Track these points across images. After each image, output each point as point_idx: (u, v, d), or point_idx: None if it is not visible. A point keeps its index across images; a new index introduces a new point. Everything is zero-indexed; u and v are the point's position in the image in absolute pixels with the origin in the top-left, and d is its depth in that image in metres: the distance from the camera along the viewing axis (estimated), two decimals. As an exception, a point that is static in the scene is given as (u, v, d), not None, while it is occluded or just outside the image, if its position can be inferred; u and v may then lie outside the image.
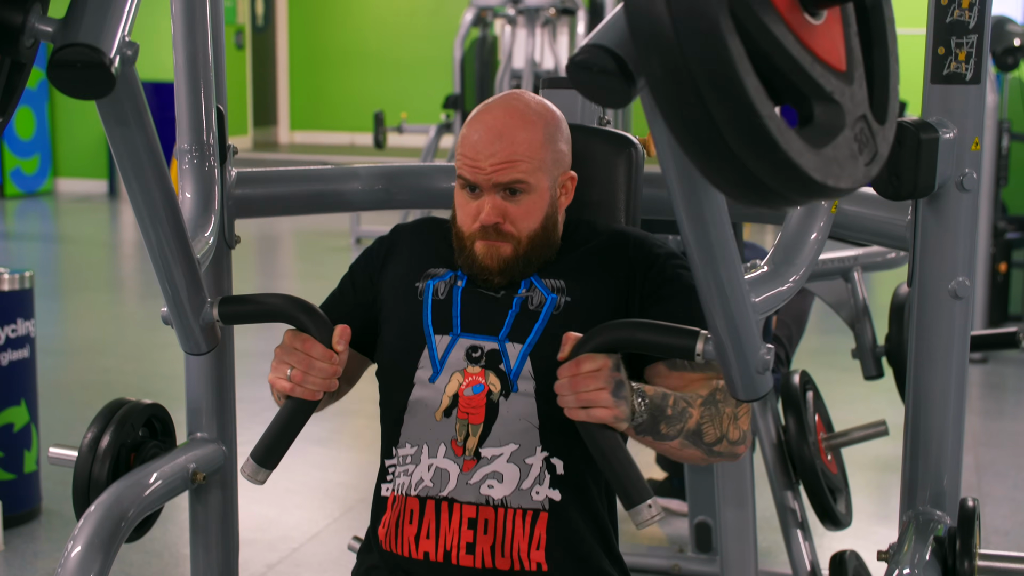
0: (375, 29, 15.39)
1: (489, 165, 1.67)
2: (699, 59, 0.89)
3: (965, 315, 1.72)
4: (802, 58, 0.99)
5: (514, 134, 1.68)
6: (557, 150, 1.73)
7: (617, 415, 1.48)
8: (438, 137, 8.73)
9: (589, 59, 0.97)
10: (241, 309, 1.67)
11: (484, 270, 1.72)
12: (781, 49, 0.96)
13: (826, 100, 1.02)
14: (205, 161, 1.89)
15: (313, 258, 9.00)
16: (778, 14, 0.97)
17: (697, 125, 0.91)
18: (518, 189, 1.69)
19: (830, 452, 2.61)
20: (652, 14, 0.89)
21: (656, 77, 0.91)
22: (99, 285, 7.93)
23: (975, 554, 1.60)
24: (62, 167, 11.88)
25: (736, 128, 0.91)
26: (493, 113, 1.71)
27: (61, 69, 1.16)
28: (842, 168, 1.01)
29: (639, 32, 0.90)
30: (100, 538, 1.71)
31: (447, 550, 1.64)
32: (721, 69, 0.89)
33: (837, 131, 1.02)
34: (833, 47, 1.06)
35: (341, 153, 14.16)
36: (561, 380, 1.50)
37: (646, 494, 1.47)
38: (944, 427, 1.73)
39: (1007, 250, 6.22)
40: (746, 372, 1.43)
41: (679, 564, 3.29)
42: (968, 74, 1.67)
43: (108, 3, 1.20)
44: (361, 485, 4.01)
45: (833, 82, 1.03)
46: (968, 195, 1.68)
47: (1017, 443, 4.61)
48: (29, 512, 3.60)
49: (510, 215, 1.69)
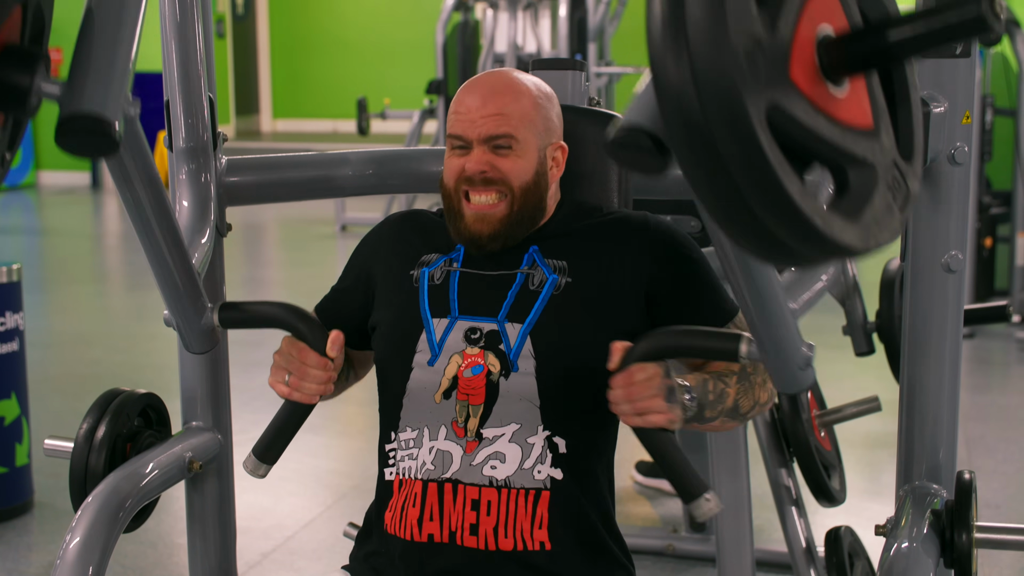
0: (356, 15, 15.33)
1: (479, 117, 1.68)
2: (734, 157, 0.92)
3: (958, 289, 1.72)
4: (832, 133, 1.02)
5: (505, 93, 1.70)
6: (547, 118, 1.73)
7: (671, 419, 1.56)
8: (422, 123, 8.71)
9: (627, 139, 1.04)
10: (240, 315, 1.77)
11: (475, 237, 1.71)
12: (811, 132, 1.00)
13: (859, 164, 1.05)
14: (201, 172, 1.92)
15: (299, 246, 8.98)
16: (804, 96, 0.99)
17: (734, 213, 0.96)
18: (506, 144, 1.69)
19: (823, 429, 2.62)
20: (685, 108, 0.92)
21: (691, 166, 0.95)
22: (84, 277, 7.91)
23: (973, 526, 1.61)
24: (44, 160, 11.82)
25: (778, 220, 0.95)
26: (487, 77, 1.74)
27: (69, 137, 1.24)
28: (880, 227, 1.05)
29: (672, 126, 0.94)
30: (99, 528, 1.71)
31: (451, 532, 1.64)
32: (760, 173, 0.93)
33: (872, 191, 1.05)
34: (860, 109, 1.08)
35: (324, 140, 14.12)
36: (615, 390, 1.56)
37: (704, 488, 1.56)
38: (939, 401, 1.74)
39: (992, 225, 6.25)
40: (789, 369, 1.51)
41: (673, 544, 3.30)
42: (958, 48, 1.67)
43: (110, 66, 1.27)
44: (354, 472, 4.01)
45: (863, 144, 1.06)
46: (960, 169, 1.69)
47: (1005, 417, 4.64)
48: (21, 505, 3.59)
49: (497, 165, 1.69)
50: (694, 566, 3.26)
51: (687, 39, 0.91)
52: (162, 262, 1.64)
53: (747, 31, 0.92)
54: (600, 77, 8.30)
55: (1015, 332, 5.69)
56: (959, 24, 1.00)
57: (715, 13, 0.90)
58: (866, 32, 1.05)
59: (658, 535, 3.34)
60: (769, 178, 0.92)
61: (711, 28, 0.90)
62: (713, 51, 0.90)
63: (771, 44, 0.96)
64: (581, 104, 2.05)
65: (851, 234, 1.00)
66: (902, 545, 1.56)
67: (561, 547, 1.65)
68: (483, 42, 8.72)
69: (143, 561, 3.26)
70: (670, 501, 3.66)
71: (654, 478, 3.73)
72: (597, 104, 2.04)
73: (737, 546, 2.49)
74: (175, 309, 1.72)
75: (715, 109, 0.90)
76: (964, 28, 1.00)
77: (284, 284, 7.61)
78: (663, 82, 0.92)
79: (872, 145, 1.07)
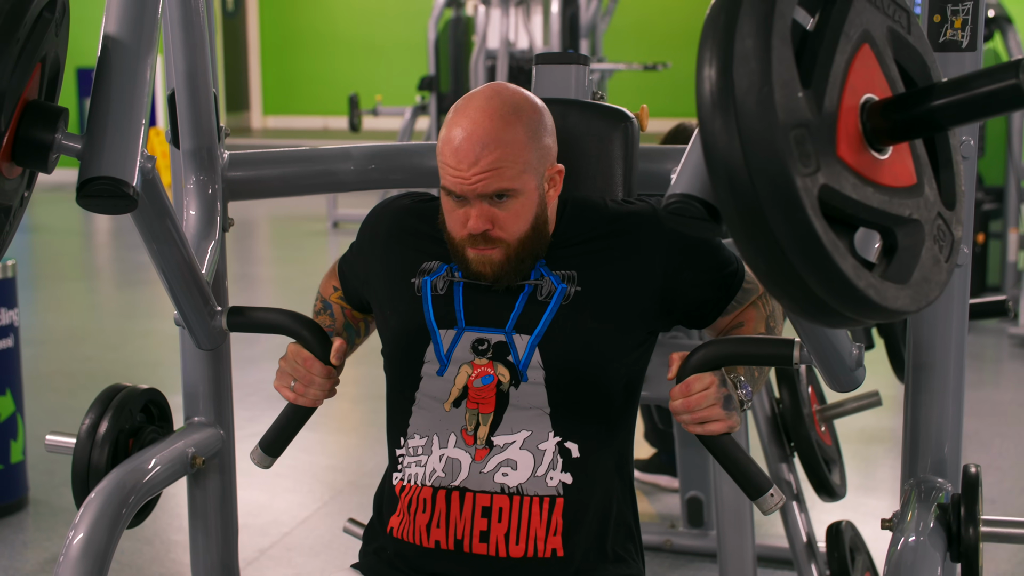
0: (347, 11, 15.30)
1: (473, 175, 1.61)
2: (787, 238, 0.96)
3: (964, 283, 1.72)
4: (879, 200, 1.05)
5: (496, 138, 1.61)
6: (541, 147, 1.67)
7: (731, 425, 1.59)
8: (414, 119, 8.70)
9: (683, 208, 1.11)
10: (247, 321, 1.84)
11: (478, 275, 1.69)
12: (859, 204, 1.03)
13: (906, 223, 1.08)
14: (209, 184, 1.93)
15: (290, 242, 8.97)
16: (852, 170, 1.02)
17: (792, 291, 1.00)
18: (505, 195, 1.64)
19: (824, 424, 2.62)
20: (738, 191, 0.96)
21: (744, 245, 1.00)
22: (75, 274, 7.88)
23: (979, 520, 1.61)
24: (33, 156, 11.75)
25: (832, 295, 0.99)
26: (472, 117, 1.63)
27: (90, 199, 1.36)
28: (929, 284, 1.08)
29: (728, 210, 0.98)
30: (102, 524, 1.70)
31: (458, 539, 1.63)
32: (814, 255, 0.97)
33: (920, 248, 1.08)
34: (903, 168, 1.11)
35: (315, 137, 14.09)
36: (675, 401, 1.58)
37: (767, 485, 1.60)
38: (944, 395, 1.74)
39: (984, 221, 6.26)
40: (843, 371, 1.56)
41: (671, 539, 3.30)
42: (964, 41, 1.67)
43: (127, 126, 1.36)
44: (350, 468, 4.01)
45: (909, 203, 1.09)
46: (966, 163, 1.68)
47: (998, 412, 4.65)
48: (16, 502, 3.58)
49: (498, 221, 1.65)
50: (692, 561, 3.27)
51: (737, 119, 0.94)
52: (175, 277, 1.71)
53: (794, 112, 0.96)
54: (592, 73, 8.28)
55: (1008, 328, 5.70)
56: (997, 93, 1.02)
57: (763, 98, 0.93)
58: (911, 99, 1.08)
59: (656, 531, 3.34)
60: (823, 259, 0.96)
61: (761, 113, 0.94)
62: (764, 135, 0.94)
63: (818, 123, 0.99)
64: (585, 98, 2.04)
65: (903, 299, 1.04)
66: (909, 539, 1.55)
67: (572, 553, 1.64)
68: (475, 38, 8.69)
69: (140, 558, 3.25)
70: (667, 497, 3.66)
71: (649, 473, 3.73)
72: (601, 98, 2.04)
73: (739, 541, 2.49)
74: (185, 313, 1.79)
75: (768, 193, 0.94)
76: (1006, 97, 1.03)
77: (276, 281, 7.59)
78: (716, 162, 0.96)
79: (917, 202, 1.10)
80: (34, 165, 1.35)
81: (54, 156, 1.35)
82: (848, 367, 1.56)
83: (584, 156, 1.87)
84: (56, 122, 1.33)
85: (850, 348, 1.54)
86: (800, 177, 0.94)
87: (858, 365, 1.57)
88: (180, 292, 1.74)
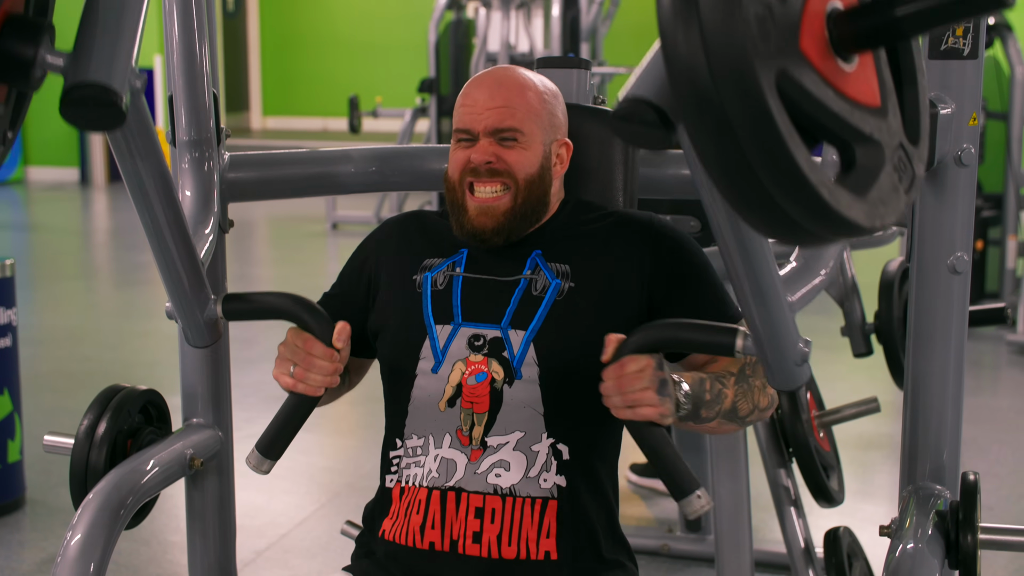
0: (348, 12, 15.31)
1: (485, 109, 1.69)
2: (745, 128, 0.90)
3: (963, 290, 1.72)
4: (840, 107, 1.01)
5: (512, 87, 1.71)
6: (553, 114, 1.75)
7: (663, 412, 1.51)
8: (414, 121, 8.70)
9: (632, 111, 1.01)
10: (244, 307, 1.71)
11: (478, 229, 1.70)
12: (819, 103, 0.98)
13: (866, 142, 1.04)
14: (205, 162, 1.90)
15: (289, 244, 8.97)
16: (813, 68, 0.98)
17: (742, 184, 0.93)
18: (511, 137, 1.70)
19: (822, 430, 2.62)
20: (694, 78, 0.90)
21: (700, 135, 0.92)
22: (74, 274, 7.88)
23: (978, 527, 1.61)
24: (33, 155, 11.76)
25: (785, 190, 0.93)
26: (493, 72, 1.75)
27: (74, 107, 1.20)
28: (886, 206, 1.03)
29: (681, 93, 0.91)
30: (100, 525, 1.70)
31: (453, 540, 1.63)
32: (769, 140, 0.91)
33: (879, 170, 1.03)
34: (867, 86, 1.07)
35: (315, 138, 14.10)
36: (607, 382, 1.52)
37: (695, 485, 1.52)
38: (943, 401, 1.74)
39: (983, 228, 6.27)
40: (785, 365, 1.46)
41: (668, 544, 3.30)
42: (966, 49, 1.67)
43: (117, 36, 1.23)
44: (347, 470, 4.01)
45: (871, 122, 1.05)
46: (966, 170, 1.69)
47: (996, 419, 4.65)
48: (13, 502, 3.58)
49: (503, 157, 1.70)
50: (689, 566, 3.27)
51: (698, 7, 0.89)
52: (165, 249, 1.58)
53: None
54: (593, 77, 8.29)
55: (1006, 335, 5.71)
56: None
57: None
58: (875, 6, 1.03)
59: (653, 535, 3.34)
60: (778, 145, 0.91)
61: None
62: (724, 17, 0.89)
63: (782, 13, 0.95)
64: (586, 103, 2.05)
65: (857, 210, 0.98)
66: (907, 546, 1.55)
67: (566, 555, 1.64)
68: (476, 41, 8.71)
69: (137, 559, 3.25)
70: (665, 501, 3.66)
71: (649, 478, 3.73)
72: (602, 102, 2.04)
73: (737, 546, 2.49)
74: (178, 299, 1.66)
75: (725, 75, 0.89)
76: (973, 2, 0.98)
77: (275, 282, 7.58)
78: (673, 50, 0.90)
79: (879, 124, 1.06)
80: (15, 81, 1.25)
81: (38, 72, 1.24)
82: (792, 361, 1.45)
83: (585, 160, 1.88)
84: (39, 35, 1.24)
85: (797, 341, 1.44)
86: (759, 58, 0.90)
87: (803, 361, 1.46)
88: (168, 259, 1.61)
